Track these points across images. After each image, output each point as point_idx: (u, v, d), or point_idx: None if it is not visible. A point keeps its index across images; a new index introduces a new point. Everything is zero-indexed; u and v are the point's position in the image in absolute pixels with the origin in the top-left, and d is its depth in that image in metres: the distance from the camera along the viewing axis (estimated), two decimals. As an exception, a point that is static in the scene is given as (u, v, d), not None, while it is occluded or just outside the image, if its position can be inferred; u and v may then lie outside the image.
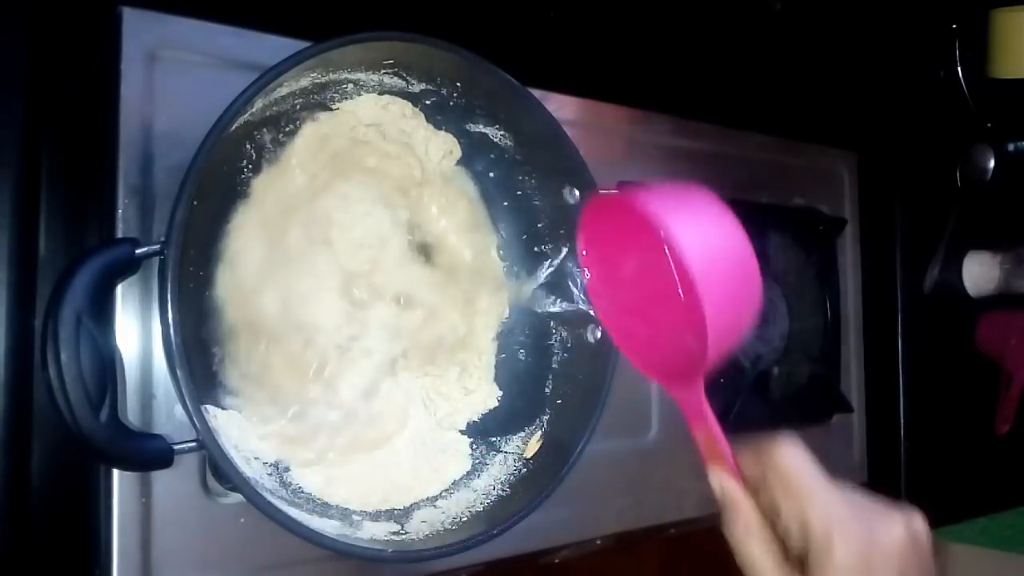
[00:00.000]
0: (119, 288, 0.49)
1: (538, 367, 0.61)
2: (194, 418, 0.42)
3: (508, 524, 0.50)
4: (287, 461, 0.53)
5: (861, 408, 0.93)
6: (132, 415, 0.50)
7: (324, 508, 0.52)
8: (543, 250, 0.62)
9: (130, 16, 0.52)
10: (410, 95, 0.57)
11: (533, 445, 0.57)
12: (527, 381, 0.62)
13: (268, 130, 0.55)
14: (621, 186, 0.60)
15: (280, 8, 0.60)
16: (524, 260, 0.63)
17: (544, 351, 0.61)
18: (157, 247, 0.43)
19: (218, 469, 0.50)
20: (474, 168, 0.62)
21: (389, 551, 0.48)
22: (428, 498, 0.56)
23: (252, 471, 0.49)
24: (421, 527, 0.53)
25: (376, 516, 0.53)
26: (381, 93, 0.57)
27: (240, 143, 0.53)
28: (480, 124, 0.59)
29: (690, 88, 0.86)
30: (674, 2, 0.89)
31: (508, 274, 0.63)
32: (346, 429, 0.56)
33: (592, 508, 0.70)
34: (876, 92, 1.00)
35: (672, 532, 0.77)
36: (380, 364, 0.58)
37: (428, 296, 0.61)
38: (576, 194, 0.57)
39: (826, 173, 0.94)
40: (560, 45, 0.80)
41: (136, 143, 0.51)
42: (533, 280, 0.61)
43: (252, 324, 0.53)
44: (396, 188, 0.60)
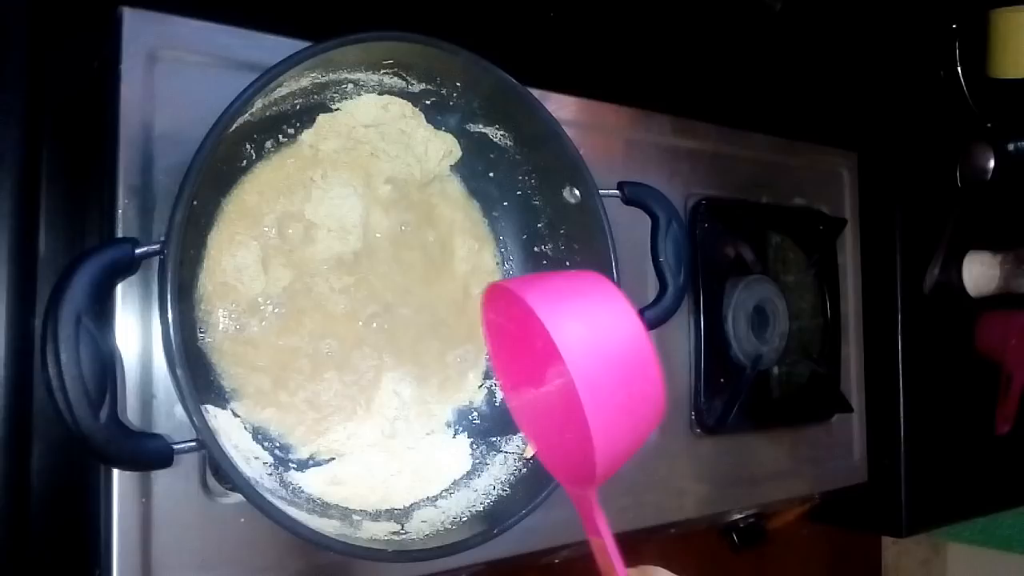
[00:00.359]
0: (119, 288, 0.49)
1: (538, 367, 0.61)
2: (194, 418, 0.42)
3: (508, 524, 0.50)
4: (286, 437, 0.54)
5: (861, 408, 0.93)
6: (132, 415, 0.50)
7: (324, 508, 0.52)
8: (543, 250, 0.62)
9: (130, 16, 0.52)
10: (410, 95, 0.57)
11: (533, 445, 0.57)
12: (527, 381, 0.61)
13: (268, 130, 0.55)
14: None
15: (280, 8, 0.60)
16: (524, 260, 0.63)
17: (544, 351, 0.61)
18: (157, 247, 0.43)
19: (218, 469, 0.50)
20: (474, 168, 0.62)
21: (389, 551, 0.48)
22: (428, 498, 0.56)
23: (252, 471, 0.49)
24: (421, 527, 0.53)
25: (376, 516, 0.53)
26: (381, 93, 0.57)
27: (240, 143, 0.53)
28: (480, 124, 0.59)
29: (690, 88, 0.86)
30: (674, 2, 0.89)
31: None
32: (341, 406, 0.57)
33: (592, 508, 0.70)
34: (876, 92, 1.01)
35: (672, 532, 0.77)
36: (374, 360, 0.58)
37: (425, 294, 0.61)
38: (576, 194, 0.57)
39: (826, 173, 0.94)
40: (560, 45, 0.80)
41: (136, 143, 0.51)
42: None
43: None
44: (395, 188, 0.60)
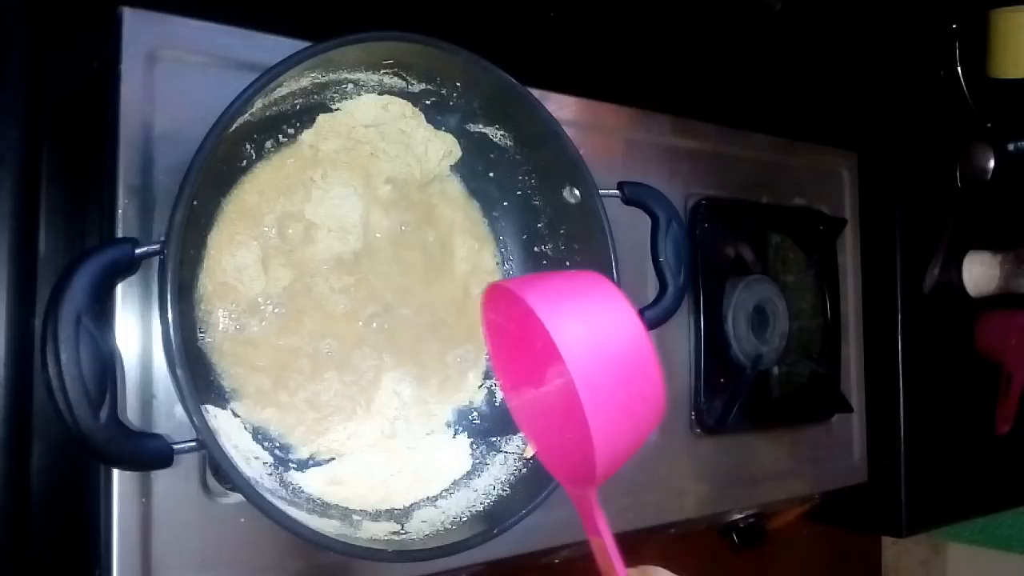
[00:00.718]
0: (119, 288, 0.49)
1: (538, 367, 0.61)
2: (194, 418, 0.42)
3: (508, 524, 0.50)
4: (286, 437, 0.54)
5: (861, 408, 0.93)
6: (132, 415, 0.50)
7: (324, 508, 0.52)
8: (543, 250, 0.62)
9: (130, 16, 0.52)
10: (410, 95, 0.57)
11: (533, 445, 0.57)
12: (527, 381, 0.61)
13: (268, 130, 0.55)
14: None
15: (280, 8, 0.60)
16: (524, 260, 0.63)
17: (544, 351, 0.61)
18: (157, 247, 0.43)
19: (218, 469, 0.50)
20: (474, 168, 0.62)
21: (389, 551, 0.48)
22: (428, 498, 0.56)
23: (252, 471, 0.49)
24: (421, 527, 0.53)
25: (376, 516, 0.53)
26: (381, 93, 0.57)
27: (240, 143, 0.53)
28: (480, 124, 0.59)
29: (690, 88, 0.86)
30: (674, 2, 0.89)
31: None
32: (340, 405, 0.57)
33: (592, 508, 0.70)
34: (876, 92, 1.01)
35: (672, 532, 0.77)
36: (374, 360, 0.58)
37: (425, 294, 0.61)
38: (576, 194, 0.57)
39: (826, 173, 0.94)
40: (560, 45, 0.80)
41: (136, 143, 0.51)
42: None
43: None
44: (395, 188, 0.60)
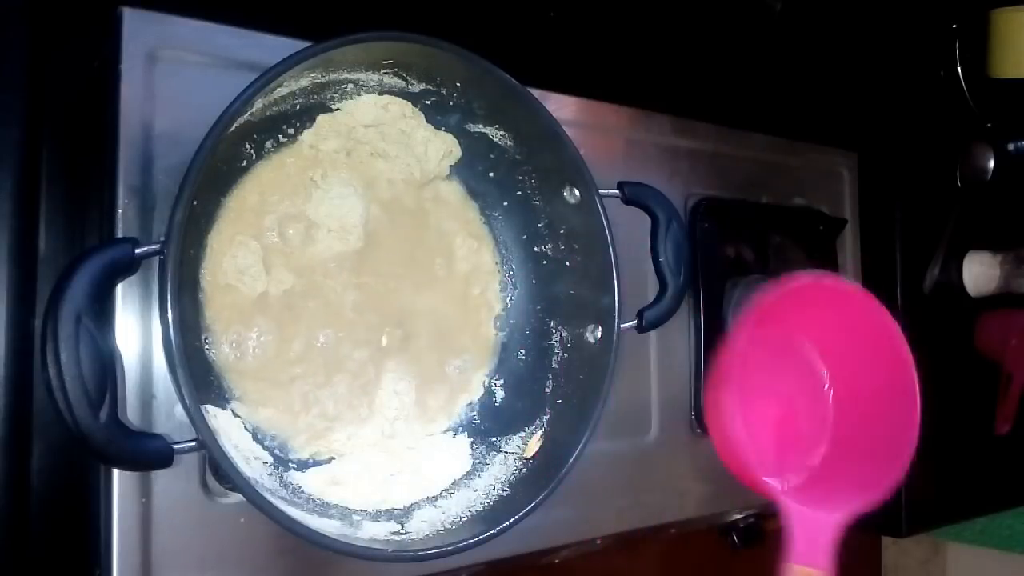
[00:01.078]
0: (119, 288, 0.49)
1: (538, 367, 0.61)
2: (194, 418, 0.42)
3: (508, 524, 0.50)
4: (286, 437, 0.54)
5: (861, 408, 0.93)
6: (132, 415, 0.50)
7: (324, 508, 0.52)
8: (543, 250, 0.62)
9: (130, 16, 0.52)
10: (410, 95, 0.57)
11: (533, 445, 0.57)
12: (527, 381, 0.62)
13: (268, 130, 0.55)
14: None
15: (280, 8, 0.60)
16: (524, 260, 0.63)
17: (544, 351, 0.61)
18: (157, 247, 0.43)
19: (218, 469, 0.50)
20: (474, 168, 0.62)
21: (389, 551, 0.48)
22: (428, 498, 0.56)
23: (252, 471, 0.49)
24: (421, 527, 0.53)
25: (376, 516, 0.53)
26: (381, 93, 0.57)
27: (240, 143, 0.53)
28: (480, 124, 0.59)
29: (690, 88, 0.86)
30: (674, 2, 0.89)
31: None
32: (338, 407, 0.57)
33: (592, 508, 0.70)
34: (876, 92, 1.00)
35: (672, 532, 0.77)
36: (374, 360, 0.58)
37: (426, 294, 0.61)
38: (576, 194, 0.57)
39: (826, 173, 0.94)
40: (560, 45, 0.80)
41: (136, 143, 0.51)
42: None
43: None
44: (395, 188, 0.60)
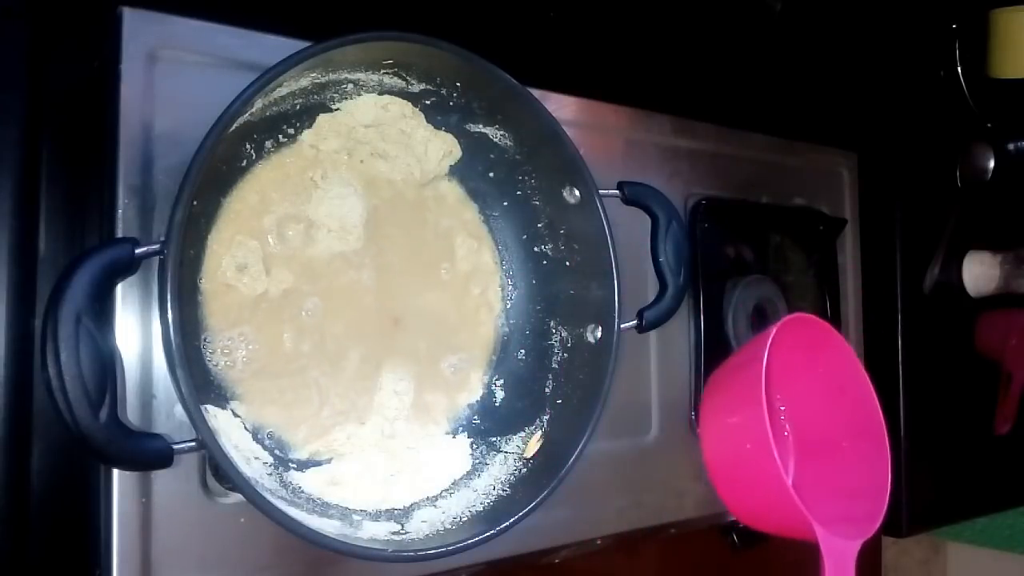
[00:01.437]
0: (119, 288, 0.49)
1: (538, 367, 0.61)
2: (194, 418, 0.42)
3: (508, 524, 0.50)
4: (286, 437, 0.54)
5: (861, 408, 0.93)
6: (132, 415, 0.50)
7: (324, 508, 0.52)
8: (543, 250, 0.62)
9: (130, 16, 0.52)
10: (410, 95, 0.57)
11: (533, 445, 0.57)
12: (527, 381, 0.62)
13: (268, 130, 0.55)
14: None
15: (280, 8, 0.60)
16: (524, 260, 0.63)
17: (544, 351, 0.61)
18: (157, 247, 0.43)
19: (218, 469, 0.50)
20: (474, 168, 0.62)
21: (389, 551, 0.48)
22: (428, 498, 0.56)
23: (252, 471, 0.49)
24: (421, 527, 0.53)
25: (376, 516, 0.53)
26: (381, 93, 0.57)
27: (240, 143, 0.53)
28: (480, 124, 0.59)
29: (690, 88, 0.86)
30: (674, 2, 0.89)
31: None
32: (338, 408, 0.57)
33: (592, 508, 0.70)
34: (876, 92, 1.00)
35: (672, 532, 0.77)
36: (374, 360, 0.58)
37: (426, 294, 0.61)
38: (576, 194, 0.57)
39: (826, 173, 0.94)
40: (560, 45, 0.80)
41: (136, 143, 0.51)
42: None
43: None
44: (395, 188, 0.60)
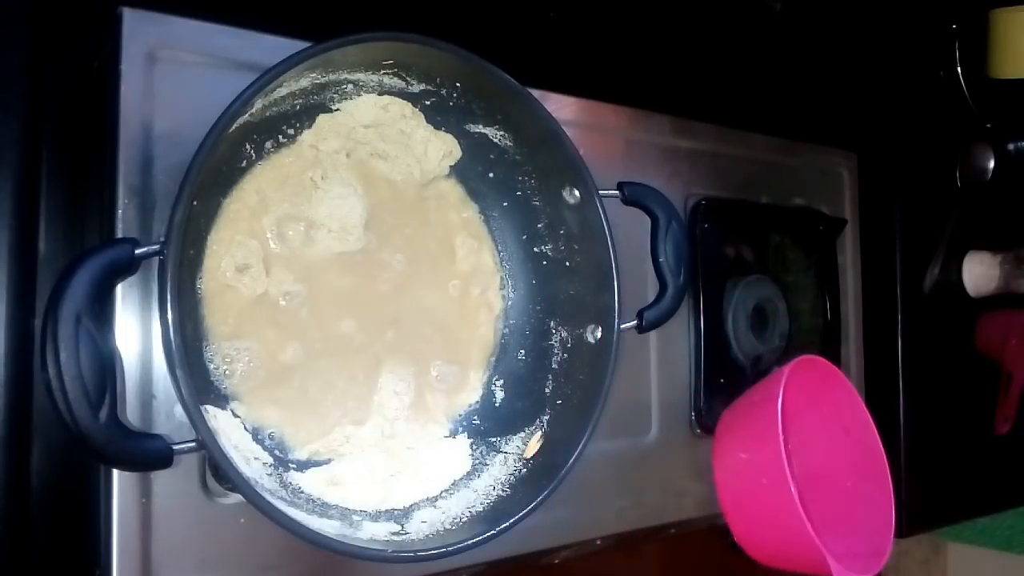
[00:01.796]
0: (119, 288, 0.49)
1: (538, 367, 0.61)
2: (194, 418, 0.42)
3: (508, 524, 0.50)
4: (285, 437, 0.54)
5: (861, 408, 0.93)
6: (132, 415, 0.50)
7: (324, 508, 0.52)
8: (543, 250, 0.62)
9: (130, 16, 0.52)
10: (410, 95, 0.57)
11: (533, 445, 0.57)
12: (527, 381, 0.62)
13: (268, 130, 0.55)
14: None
15: (280, 8, 0.60)
16: (524, 260, 0.63)
17: (544, 351, 0.61)
18: (157, 247, 0.43)
19: (218, 469, 0.50)
20: (474, 168, 0.62)
21: (389, 551, 0.48)
22: (428, 498, 0.56)
23: (252, 471, 0.49)
24: (421, 527, 0.53)
25: (376, 516, 0.53)
26: (381, 93, 0.57)
27: (240, 143, 0.53)
28: (480, 124, 0.59)
29: (690, 88, 0.86)
30: (674, 2, 0.89)
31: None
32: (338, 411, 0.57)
33: (592, 508, 0.70)
34: (876, 92, 1.00)
35: (672, 532, 0.77)
36: (374, 361, 0.58)
37: (426, 294, 0.61)
38: (576, 194, 0.57)
39: (826, 173, 0.94)
40: (560, 45, 0.80)
41: (136, 143, 0.51)
42: None
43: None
44: (395, 188, 0.60)
